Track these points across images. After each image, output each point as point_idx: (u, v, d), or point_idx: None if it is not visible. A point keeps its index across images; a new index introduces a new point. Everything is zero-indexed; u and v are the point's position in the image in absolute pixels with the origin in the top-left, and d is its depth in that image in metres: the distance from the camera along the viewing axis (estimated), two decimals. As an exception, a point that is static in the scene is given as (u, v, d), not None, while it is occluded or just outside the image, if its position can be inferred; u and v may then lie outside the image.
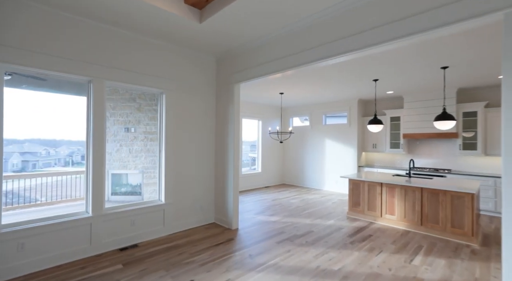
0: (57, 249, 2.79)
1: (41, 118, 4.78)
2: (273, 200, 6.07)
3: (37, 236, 2.68)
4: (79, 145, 6.77)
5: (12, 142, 5.63)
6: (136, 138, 6.45)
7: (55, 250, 2.78)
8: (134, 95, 6.41)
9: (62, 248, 2.82)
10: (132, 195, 6.50)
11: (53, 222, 2.77)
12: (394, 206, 4.17)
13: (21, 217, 2.96)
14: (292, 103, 7.50)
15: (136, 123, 6.44)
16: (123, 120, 6.52)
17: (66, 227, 2.84)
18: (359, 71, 4.22)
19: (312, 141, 7.74)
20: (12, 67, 2.59)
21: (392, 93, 5.90)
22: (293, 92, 5.94)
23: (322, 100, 7.01)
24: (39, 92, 4.47)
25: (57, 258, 2.78)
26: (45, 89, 4.64)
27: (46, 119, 4.83)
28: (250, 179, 7.58)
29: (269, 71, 3.34)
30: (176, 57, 3.80)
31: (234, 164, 3.97)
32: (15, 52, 2.54)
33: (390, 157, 6.62)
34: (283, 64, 3.16)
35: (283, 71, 3.17)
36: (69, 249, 2.86)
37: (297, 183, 8.16)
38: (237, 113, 4.00)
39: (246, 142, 8.29)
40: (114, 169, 6.62)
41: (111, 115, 6.55)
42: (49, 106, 4.87)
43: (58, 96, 4.90)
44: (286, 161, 8.54)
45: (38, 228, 2.67)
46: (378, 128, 4.59)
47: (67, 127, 6.59)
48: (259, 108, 7.75)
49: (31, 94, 4.71)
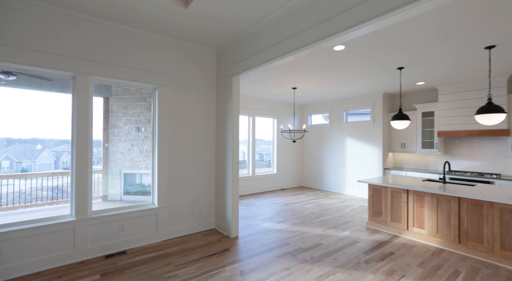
0: (38, 254, 2.64)
1: (55, 117, 4.80)
2: (286, 204, 5.59)
3: (15, 240, 2.54)
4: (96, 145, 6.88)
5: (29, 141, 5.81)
6: (147, 137, 6.39)
7: (35, 256, 2.63)
8: (145, 94, 6.35)
9: (43, 253, 2.67)
10: (144, 195, 6.45)
11: (33, 225, 2.62)
12: (423, 218, 3.47)
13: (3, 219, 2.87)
14: (310, 99, 6.92)
15: (146, 123, 6.38)
16: (134, 119, 6.50)
17: (46, 231, 2.68)
18: (381, 58, 3.59)
19: (332, 141, 7.09)
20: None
21: (424, 84, 5.08)
22: (307, 86, 5.40)
23: (342, 95, 6.35)
24: (45, 92, 4.50)
25: (37, 264, 2.63)
26: (53, 90, 4.67)
27: (60, 119, 4.83)
28: (265, 180, 7.16)
29: (267, 58, 2.90)
30: (169, 50, 3.52)
31: (233, 165, 3.59)
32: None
33: (422, 158, 5.75)
34: (283, 49, 2.70)
35: (282, 57, 2.70)
36: (51, 255, 2.71)
37: (316, 186, 7.55)
38: (236, 110, 3.61)
39: (262, 141, 7.88)
40: (126, 168, 6.63)
41: (123, 115, 6.57)
42: (55, 105, 4.88)
43: (65, 96, 4.90)
44: (305, 162, 7.97)
45: (16, 232, 2.54)
46: (404, 124, 3.89)
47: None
48: (274, 106, 7.29)
49: (37, 94, 4.77)
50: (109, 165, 6.61)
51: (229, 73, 3.61)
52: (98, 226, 3.01)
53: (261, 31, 3.02)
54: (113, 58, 3.09)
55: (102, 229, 3.04)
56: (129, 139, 6.53)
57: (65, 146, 6.89)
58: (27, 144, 6.24)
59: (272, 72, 4.38)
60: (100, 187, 6.51)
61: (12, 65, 2.55)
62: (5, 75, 3.90)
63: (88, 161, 2.93)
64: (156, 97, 3.47)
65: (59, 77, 2.93)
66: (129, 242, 3.21)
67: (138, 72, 3.26)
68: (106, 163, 6.61)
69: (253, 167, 6.96)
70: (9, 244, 2.52)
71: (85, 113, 2.92)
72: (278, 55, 2.74)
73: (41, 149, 6.67)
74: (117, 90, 6.44)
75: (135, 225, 3.27)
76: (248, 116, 6.93)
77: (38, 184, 4.97)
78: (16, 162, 5.79)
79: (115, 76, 3.09)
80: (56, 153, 6.88)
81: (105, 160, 6.60)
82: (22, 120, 4.60)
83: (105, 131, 6.71)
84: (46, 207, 4.81)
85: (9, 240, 2.52)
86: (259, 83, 5.20)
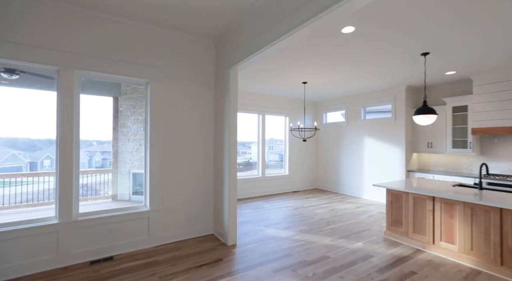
0: (17, 259, 2.50)
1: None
2: (296, 208, 5.17)
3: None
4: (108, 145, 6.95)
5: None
6: (154, 137, 6.27)
7: (15, 260, 2.49)
8: (152, 93, 6.25)
9: (23, 258, 2.53)
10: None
11: (11, 228, 2.49)
12: (453, 231, 2.91)
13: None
14: (324, 95, 6.42)
15: (153, 122, 6.26)
16: (142, 119, 6.42)
17: (27, 235, 2.54)
18: (400, 42, 3.07)
19: (349, 140, 6.53)
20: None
21: (454, 74, 4.41)
22: (318, 80, 4.94)
23: (359, 90, 5.78)
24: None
25: (17, 269, 2.49)
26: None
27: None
28: (276, 182, 6.77)
29: (266, 41, 2.51)
30: (162, 41, 3.28)
31: (230, 166, 3.27)
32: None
33: (453, 160, 5.04)
34: (282, 28, 2.32)
35: (282, 37, 2.28)
36: (32, 260, 2.56)
37: (331, 188, 7.02)
38: (233, 106, 3.29)
39: (273, 141, 7.51)
40: (134, 168, 6.59)
41: (132, 114, 6.53)
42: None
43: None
44: (319, 163, 7.46)
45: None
46: (429, 119, 3.33)
47: (95, 127, 6.80)
48: (285, 103, 6.88)
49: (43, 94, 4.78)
50: (118, 164, 6.61)
51: (226, 64, 3.30)
52: (84, 229, 2.83)
53: (257, 13, 2.67)
54: (100, 51, 2.90)
55: (89, 233, 2.86)
56: (137, 139, 6.48)
57: (98, 147, 7.23)
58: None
59: (278, 64, 4.00)
60: (110, 186, 6.54)
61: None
62: (8, 74, 3.90)
63: (72, 161, 2.76)
64: (148, 93, 3.25)
65: (42, 72, 2.79)
66: (118, 247, 3.00)
67: (127, 66, 3.05)
68: (116, 162, 6.62)
69: (263, 168, 6.60)
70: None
71: (69, 110, 2.76)
72: (277, 36, 2.33)
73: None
74: (126, 89, 6.41)
75: (125, 229, 3.07)
76: (257, 114, 6.59)
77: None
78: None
79: (102, 70, 2.90)
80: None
81: (115, 159, 6.61)
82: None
83: (114, 131, 6.72)
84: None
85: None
86: (266, 78, 4.84)
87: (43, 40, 2.61)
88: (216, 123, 3.65)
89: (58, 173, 2.70)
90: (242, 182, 6.19)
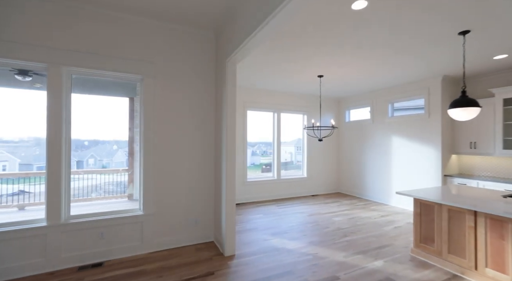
0: (6, 261, 2.44)
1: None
2: (311, 214, 4.70)
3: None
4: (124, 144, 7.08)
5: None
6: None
7: (3, 263, 2.44)
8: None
9: (11, 261, 2.46)
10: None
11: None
12: (505, 257, 2.26)
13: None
14: (346, 90, 5.83)
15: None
16: (156, 119, 6.40)
17: (12, 237, 2.47)
18: (429, 18, 2.50)
19: (374, 139, 5.85)
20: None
21: (506, 59, 3.61)
22: (336, 73, 4.42)
23: (386, 83, 5.11)
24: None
25: (3, 273, 2.43)
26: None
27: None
28: (293, 185, 6.32)
29: (259, 20, 2.15)
30: (156, 34, 3.08)
31: (227, 168, 2.96)
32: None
33: (504, 163, 4.18)
34: (272, 2, 1.95)
35: (273, 15, 1.91)
36: (19, 263, 2.49)
37: (355, 193, 6.37)
38: (231, 101, 2.97)
39: (288, 142, 7.07)
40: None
41: (146, 114, 6.54)
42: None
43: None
44: (342, 165, 6.84)
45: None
46: (468, 113, 2.67)
47: (112, 127, 6.93)
48: (302, 100, 6.40)
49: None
50: (134, 164, 6.67)
51: (224, 55, 3.00)
52: (74, 233, 2.72)
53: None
54: (90, 46, 2.77)
55: (79, 236, 2.74)
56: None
57: (117, 147, 7.63)
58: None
59: (287, 55, 3.60)
60: (126, 186, 6.65)
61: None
62: (22, 76, 4.01)
63: (62, 162, 2.66)
64: (142, 90, 3.07)
65: (29, 70, 2.73)
66: (109, 253, 2.85)
67: (120, 61, 2.89)
68: (132, 162, 6.70)
69: (278, 170, 6.19)
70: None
71: (58, 109, 2.66)
72: (269, 11, 1.94)
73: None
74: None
75: (117, 233, 2.91)
76: (272, 112, 6.21)
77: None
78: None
79: (92, 66, 2.77)
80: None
81: (131, 159, 6.70)
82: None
83: (130, 131, 6.83)
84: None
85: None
86: (278, 73, 4.45)
87: (30, 37, 2.53)
88: (216, 122, 3.36)
89: (47, 174, 2.61)
90: (255, 185, 5.85)
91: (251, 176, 6.12)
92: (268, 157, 6.74)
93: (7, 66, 2.63)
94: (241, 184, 5.69)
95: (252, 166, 6.61)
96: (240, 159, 5.65)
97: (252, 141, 7.59)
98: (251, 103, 5.81)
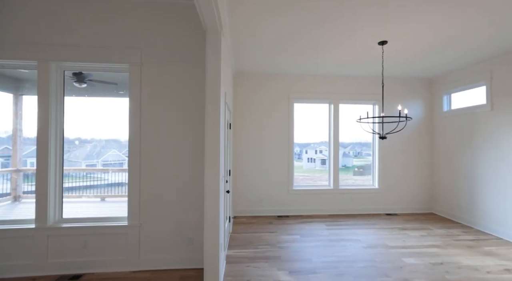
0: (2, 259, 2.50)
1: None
2: (369, 246, 3.24)
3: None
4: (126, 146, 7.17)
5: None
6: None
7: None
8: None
9: (3, 260, 2.49)
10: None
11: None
12: None
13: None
14: (437, 63, 3.90)
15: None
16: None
17: (5, 237, 2.50)
18: None
19: (494, 136, 3.67)
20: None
21: None
22: (410, 32, 2.85)
23: (508, 45, 3.01)
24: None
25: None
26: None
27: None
28: (357, 198, 4.81)
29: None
30: (139, 13, 2.62)
31: (210, 174, 2.16)
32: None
33: None
34: None
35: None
36: (10, 263, 2.50)
37: (459, 218, 4.24)
38: (213, 83, 2.16)
39: (355, 143, 5.52)
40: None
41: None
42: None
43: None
44: (437, 173, 4.76)
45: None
46: None
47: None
48: (369, 85, 4.79)
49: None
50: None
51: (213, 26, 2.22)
52: (59, 238, 2.57)
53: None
54: (74, 38, 2.57)
55: (64, 242, 2.57)
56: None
57: (123, 146, 7.74)
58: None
59: (338, 13, 2.47)
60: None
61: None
62: (79, 83, 4.43)
63: (48, 162, 2.55)
64: (128, 81, 2.67)
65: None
66: (91, 265, 2.57)
67: (107, 50, 2.58)
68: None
69: (335, 177, 4.82)
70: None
71: (45, 107, 2.56)
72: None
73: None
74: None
75: (102, 244, 2.60)
76: (327, 103, 4.91)
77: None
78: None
79: (78, 59, 2.57)
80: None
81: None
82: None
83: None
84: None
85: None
86: (320, 46, 3.26)
87: (17, 35, 2.52)
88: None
89: (35, 175, 2.56)
90: (304, 194, 4.73)
91: (343, 179, 4.97)
92: (362, 159, 5.62)
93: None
94: (285, 193, 4.70)
95: (343, 168, 5.46)
96: (283, 162, 4.68)
97: (310, 142, 6.48)
98: (297, 94, 4.73)
